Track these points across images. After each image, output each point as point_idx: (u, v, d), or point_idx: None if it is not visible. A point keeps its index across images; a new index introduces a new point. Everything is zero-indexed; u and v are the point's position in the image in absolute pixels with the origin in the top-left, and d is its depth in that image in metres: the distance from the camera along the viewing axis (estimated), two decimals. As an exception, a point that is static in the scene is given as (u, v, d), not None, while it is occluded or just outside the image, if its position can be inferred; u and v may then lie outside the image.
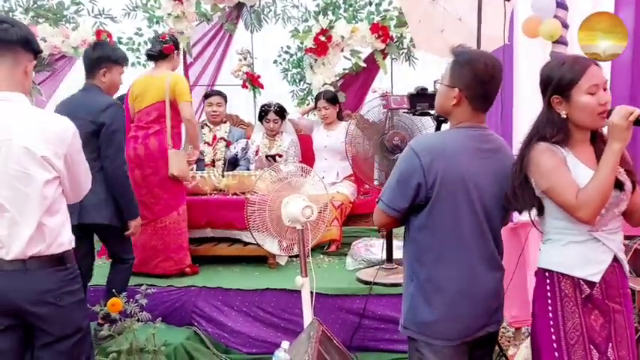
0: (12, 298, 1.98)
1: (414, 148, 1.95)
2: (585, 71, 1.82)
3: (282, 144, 4.85)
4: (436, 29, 3.48)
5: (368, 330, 3.54)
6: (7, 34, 1.99)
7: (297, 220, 2.85)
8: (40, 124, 2.01)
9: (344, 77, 5.60)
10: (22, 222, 1.97)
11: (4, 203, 1.96)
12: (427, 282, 1.98)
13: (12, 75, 2.02)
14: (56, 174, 2.02)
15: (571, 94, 1.83)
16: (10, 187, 1.96)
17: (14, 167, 1.95)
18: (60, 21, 5.52)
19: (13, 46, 2.00)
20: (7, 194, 1.96)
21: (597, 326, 1.84)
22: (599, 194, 1.74)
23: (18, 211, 1.97)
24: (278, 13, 5.69)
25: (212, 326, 3.71)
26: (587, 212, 1.75)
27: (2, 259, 1.98)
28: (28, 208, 1.97)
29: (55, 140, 2.01)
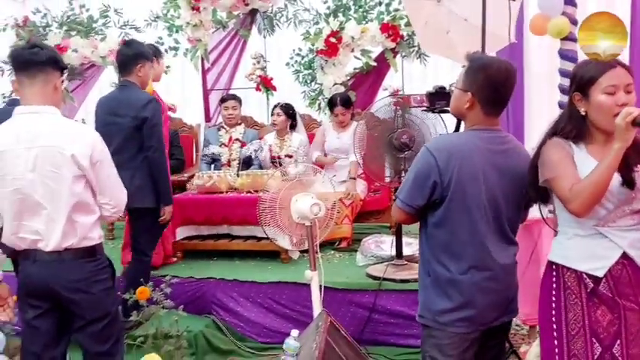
0: (50, 285, 2.17)
1: (430, 149, 1.94)
2: (607, 71, 1.76)
3: (292, 144, 4.79)
4: (442, 30, 3.39)
5: (378, 324, 3.50)
6: (38, 56, 2.17)
7: (305, 216, 2.84)
8: (68, 129, 2.20)
9: (355, 76, 5.49)
10: (56, 217, 2.14)
11: (40, 201, 2.13)
12: (443, 276, 1.96)
13: (43, 91, 2.18)
14: (82, 172, 2.16)
15: (590, 92, 1.77)
16: (45, 186, 2.13)
17: (47, 168, 2.12)
18: (90, 33, 5.59)
19: (44, 66, 2.18)
20: (42, 192, 2.13)
21: (604, 322, 1.76)
22: (592, 188, 1.67)
23: (52, 208, 2.14)
24: (290, 17, 5.61)
25: (229, 316, 3.73)
26: (576, 204, 1.69)
27: (42, 250, 2.16)
28: (60, 204, 2.14)
29: (81, 142, 2.16)
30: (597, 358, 1.76)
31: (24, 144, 2.12)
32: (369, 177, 4.18)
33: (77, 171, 2.14)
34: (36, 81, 2.17)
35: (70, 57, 5.45)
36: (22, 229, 2.17)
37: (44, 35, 5.51)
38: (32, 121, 2.15)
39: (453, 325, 1.94)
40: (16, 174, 2.13)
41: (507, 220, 1.97)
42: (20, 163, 2.12)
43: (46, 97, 2.19)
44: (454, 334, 1.94)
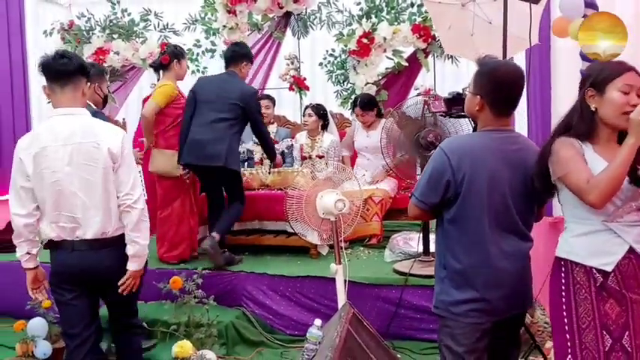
0: (88, 271, 2.44)
1: (443, 149, 2.03)
2: (625, 72, 1.85)
3: (323, 144, 4.88)
4: (466, 33, 3.43)
5: (404, 319, 3.57)
6: (67, 67, 2.42)
7: (330, 212, 2.93)
8: (100, 127, 2.47)
9: (387, 76, 5.55)
10: (91, 207, 2.39)
11: (77, 192, 2.38)
12: (457, 270, 2.04)
13: (74, 96, 2.45)
14: (115, 164, 2.41)
15: (606, 88, 1.85)
16: (81, 179, 2.38)
17: (82, 162, 2.37)
18: (131, 36, 5.77)
19: (73, 75, 2.44)
20: (78, 184, 2.38)
21: (613, 314, 1.83)
22: (609, 180, 1.73)
23: (88, 198, 2.39)
24: (323, 19, 5.69)
25: (259, 308, 3.84)
26: (595, 195, 1.75)
27: (81, 238, 2.41)
28: (96, 194, 2.39)
29: (114, 138, 2.43)
30: (608, 350, 1.82)
31: (61, 141, 2.37)
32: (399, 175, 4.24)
33: (111, 163, 2.40)
34: (67, 88, 2.43)
35: (112, 59, 5.66)
36: (62, 218, 2.40)
37: (88, 39, 5.73)
38: (67, 122, 2.40)
39: (466, 315, 2.01)
40: (54, 168, 2.36)
41: (520, 217, 2.03)
42: (58, 158, 2.36)
43: (77, 101, 2.46)
44: (467, 325, 2.01)
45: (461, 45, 3.60)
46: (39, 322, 3.39)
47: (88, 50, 5.64)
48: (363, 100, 4.82)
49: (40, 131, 2.44)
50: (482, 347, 2.03)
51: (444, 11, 3.58)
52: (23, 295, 3.47)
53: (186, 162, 3.92)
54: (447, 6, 3.54)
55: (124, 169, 2.43)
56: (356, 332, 2.43)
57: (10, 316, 3.94)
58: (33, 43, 6.10)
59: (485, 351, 2.05)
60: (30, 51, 6.06)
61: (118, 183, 2.43)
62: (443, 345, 2.09)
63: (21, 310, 3.54)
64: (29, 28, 6.07)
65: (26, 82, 5.99)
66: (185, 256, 4.14)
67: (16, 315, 3.67)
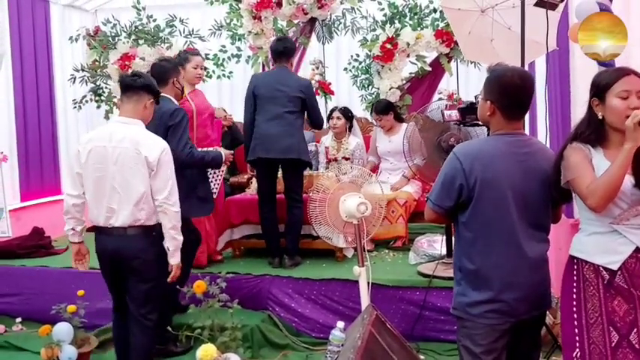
0: (118, 253, 2.85)
1: (456, 154, 2.10)
2: (621, 78, 1.91)
3: (349, 147, 4.96)
4: (486, 39, 3.49)
5: (428, 321, 3.63)
6: (135, 83, 2.90)
7: (353, 215, 3.00)
8: (146, 138, 2.87)
9: (410, 81, 5.66)
10: (125, 202, 2.80)
11: (116, 187, 2.81)
12: (473, 272, 2.10)
13: (135, 108, 2.91)
14: (151, 170, 2.80)
15: (606, 96, 1.93)
16: (122, 177, 2.81)
17: (126, 164, 2.80)
18: (156, 42, 5.87)
19: (138, 90, 2.90)
20: (120, 181, 2.80)
21: (621, 311, 1.90)
22: (606, 185, 1.83)
23: (124, 194, 2.80)
24: (347, 24, 5.81)
25: (284, 311, 3.92)
26: (593, 200, 1.85)
27: (112, 225, 2.83)
28: (131, 192, 2.80)
29: (154, 148, 2.83)
30: (615, 346, 1.89)
31: (113, 143, 2.81)
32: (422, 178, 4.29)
33: (147, 169, 2.79)
34: (131, 100, 2.90)
35: (138, 65, 5.75)
36: (100, 208, 2.84)
37: (114, 44, 5.85)
38: (122, 128, 2.87)
39: (483, 316, 2.07)
40: (103, 164, 2.81)
41: (536, 219, 2.08)
42: (108, 156, 2.80)
43: (136, 113, 2.90)
44: (484, 325, 2.07)
45: (481, 51, 3.66)
46: (64, 327, 3.43)
47: (113, 56, 5.75)
48: (379, 105, 4.95)
49: (99, 132, 2.93)
50: (499, 347, 2.08)
51: (463, 17, 3.64)
52: (48, 299, 3.68)
53: (259, 157, 4.05)
54: (466, 12, 3.59)
55: (160, 177, 2.82)
56: (379, 334, 2.48)
57: (35, 321, 4.02)
58: (59, 50, 6.28)
59: (504, 351, 2.10)
60: (56, 57, 6.23)
61: (155, 189, 2.82)
62: (461, 345, 2.15)
63: (46, 315, 3.62)
64: (55, 34, 6.23)
65: (52, 89, 6.16)
66: (201, 261, 4.14)
67: (42, 320, 3.70)
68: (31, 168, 5.87)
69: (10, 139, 5.62)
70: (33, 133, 5.88)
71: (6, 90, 5.59)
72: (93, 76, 5.97)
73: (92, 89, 6.02)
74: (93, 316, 3.81)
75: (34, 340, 3.58)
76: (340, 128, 4.98)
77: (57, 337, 3.37)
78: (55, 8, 6.26)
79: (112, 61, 5.74)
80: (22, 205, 5.64)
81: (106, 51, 5.85)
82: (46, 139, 6.05)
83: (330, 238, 3.51)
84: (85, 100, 6.02)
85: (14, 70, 5.64)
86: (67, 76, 6.02)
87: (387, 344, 2.46)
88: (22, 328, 4.17)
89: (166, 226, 2.84)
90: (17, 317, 4.26)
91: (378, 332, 2.50)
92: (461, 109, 2.87)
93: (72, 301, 3.56)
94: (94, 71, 5.96)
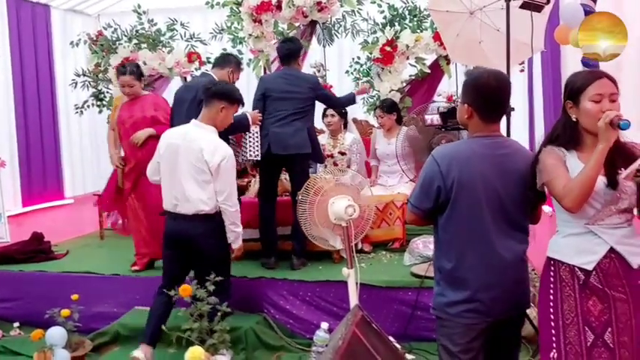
0: (183, 235, 3.36)
1: (434, 156, 2.17)
2: (594, 81, 1.97)
3: (345, 142, 5.06)
4: (474, 41, 3.56)
5: (421, 321, 3.70)
6: (209, 91, 3.37)
7: (341, 217, 3.08)
8: (212, 143, 3.31)
9: (410, 83, 5.73)
10: (188, 192, 3.29)
11: (182, 181, 3.30)
12: (451, 273, 2.17)
13: (209, 114, 3.38)
14: (209, 173, 3.26)
15: (580, 99, 1.99)
16: (188, 173, 3.29)
17: (191, 161, 3.27)
18: (157, 46, 5.99)
19: (211, 97, 3.36)
20: (186, 176, 3.29)
21: (596, 311, 1.96)
22: (581, 185, 1.88)
23: (187, 185, 3.29)
24: (348, 27, 5.88)
25: (279, 313, 4.01)
26: (569, 200, 1.91)
27: (179, 212, 3.33)
28: (193, 185, 3.28)
29: (215, 153, 3.26)
30: (590, 345, 1.94)
31: (186, 143, 3.31)
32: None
33: (207, 169, 3.25)
34: (206, 106, 3.38)
35: (139, 69, 5.93)
36: (170, 196, 3.37)
37: (115, 49, 5.97)
38: (195, 130, 3.35)
39: (461, 316, 2.14)
40: (174, 158, 3.32)
41: (513, 219, 2.15)
42: (180, 153, 3.31)
43: (210, 119, 3.37)
44: (462, 325, 2.14)
45: (469, 53, 3.72)
46: (57, 331, 3.48)
47: (114, 60, 5.86)
48: (386, 103, 5.08)
49: (178, 129, 3.45)
50: (477, 347, 2.15)
51: (451, 20, 3.71)
52: (46, 304, 3.73)
53: (272, 153, 4.20)
54: (454, 15, 3.66)
55: (220, 180, 3.28)
56: (363, 334, 2.54)
57: (33, 326, 3.97)
58: (60, 54, 6.40)
59: (481, 351, 2.17)
60: (57, 62, 6.35)
61: (217, 191, 3.29)
62: (440, 344, 2.22)
63: (40, 319, 3.70)
64: (56, 38, 6.35)
65: (54, 93, 6.27)
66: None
67: (39, 324, 3.73)
68: (33, 173, 5.98)
69: (10, 144, 5.74)
70: (35, 137, 6.00)
71: (6, 95, 5.70)
72: (94, 80, 6.09)
73: (94, 94, 6.14)
74: (89, 320, 3.95)
75: (30, 345, 3.65)
76: (335, 125, 5.09)
77: (50, 341, 3.43)
78: (55, 13, 6.37)
79: (114, 65, 5.83)
80: (24, 210, 5.76)
81: (108, 55, 5.96)
82: (48, 144, 6.18)
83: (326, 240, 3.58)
84: (86, 105, 6.14)
85: (14, 75, 5.75)
86: (69, 81, 6.14)
87: (371, 345, 2.53)
88: (20, 333, 4.26)
89: (226, 222, 3.36)
90: (15, 322, 4.34)
91: (363, 333, 2.56)
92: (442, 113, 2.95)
93: (69, 305, 3.64)
94: (95, 76, 6.07)
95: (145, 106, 4.46)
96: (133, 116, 4.42)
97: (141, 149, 4.34)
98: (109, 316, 4.16)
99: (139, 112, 4.43)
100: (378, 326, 2.80)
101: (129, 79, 4.38)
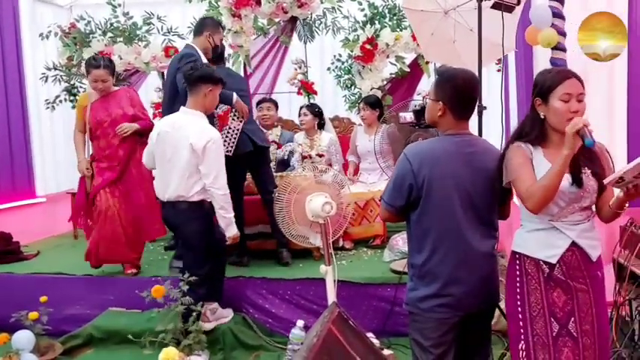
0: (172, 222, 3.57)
1: (406, 154, 2.24)
2: (563, 81, 2.04)
3: (322, 143, 5.08)
4: (448, 40, 3.62)
5: (399, 316, 3.75)
6: (191, 76, 3.41)
7: (318, 215, 3.09)
8: (197, 127, 3.37)
9: (391, 81, 5.83)
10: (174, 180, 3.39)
11: (170, 166, 3.40)
12: (422, 269, 2.23)
13: (195, 100, 3.45)
14: (196, 158, 3.30)
15: (549, 98, 2.05)
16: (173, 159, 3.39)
17: (178, 147, 3.35)
18: (133, 40, 5.93)
19: (195, 82, 3.41)
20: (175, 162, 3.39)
21: (560, 302, 2.06)
22: (543, 190, 1.96)
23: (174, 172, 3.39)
24: (328, 24, 5.94)
25: (258, 312, 4.03)
26: (531, 203, 1.99)
27: (167, 199, 3.45)
28: (178, 171, 3.37)
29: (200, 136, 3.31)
30: (556, 336, 2.04)
31: (174, 131, 3.38)
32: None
33: (191, 155, 3.32)
34: (191, 93, 3.45)
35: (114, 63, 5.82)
36: (161, 183, 3.50)
37: (88, 42, 5.87)
38: (182, 117, 3.44)
39: (432, 310, 2.21)
40: (164, 147, 3.41)
41: (483, 216, 2.22)
42: (168, 141, 3.41)
43: (197, 104, 3.44)
44: (433, 319, 2.21)
45: (442, 52, 3.78)
46: (24, 335, 3.42)
47: (87, 54, 5.75)
48: (371, 97, 5.16)
49: (168, 119, 3.54)
50: (448, 341, 2.21)
51: (425, 19, 3.77)
52: (9, 307, 3.67)
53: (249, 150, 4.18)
54: (428, 14, 3.73)
55: (206, 163, 3.33)
56: (339, 332, 2.55)
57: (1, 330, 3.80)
58: (29, 46, 6.20)
59: (453, 345, 2.23)
60: (26, 55, 6.15)
61: (203, 174, 3.35)
62: (412, 339, 2.29)
63: (6, 323, 3.62)
64: (25, 30, 6.14)
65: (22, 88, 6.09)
66: None
67: (6, 328, 3.61)
68: (1, 171, 5.84)
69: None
70: (2, 134, 5.83)
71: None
72: (67, 74, 5.99)
73: (66, 88, 6.02)
74: (60, 323, 3.92)
75: (-3, 350, 3.56)
76: (308, 124, 5.13)
77: (16, 345, 3.38)
78: (24, 2, 6.15)
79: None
80: (-9, 209, 5.60)
81: (81, 49, 5.87)
82: (17, 140, 6.00)
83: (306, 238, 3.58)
84: (58, 100, 6.02)
85: (-21, 68, 5.56)
86: (39, 75, 5.97)
87: (347, 342, 2.54)
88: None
89: (216, 207, 3.41)
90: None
91: (339, 330, 2.58)
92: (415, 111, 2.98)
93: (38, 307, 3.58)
94: (68, 70, 5.97)
95: (121, 102, 4.30)
96: (111, 114, 4.25)
97: (122, 145, 4.22)
98: (81, 319, 4.10)
99: (117, 109, 4.27)
100: (355, 323, 2.82)
101: (103, 73, 4.19)
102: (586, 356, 2.02)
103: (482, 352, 2.37)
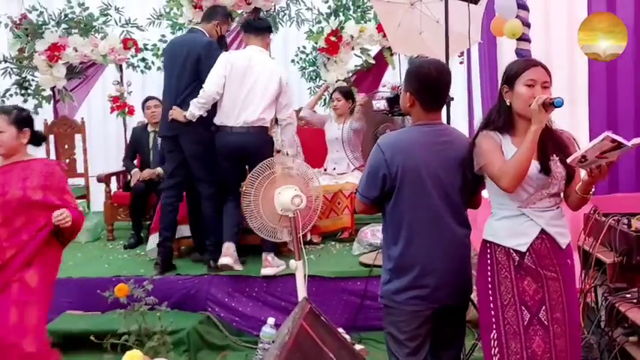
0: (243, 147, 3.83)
1: (379, 145, 2.26)
2: (529, 68, 2.10)
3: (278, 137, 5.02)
4: (415, 31, 3.68)
5: (370, 310, 3.76)
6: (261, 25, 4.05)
7: (288, 208, 3.06)
8: (276, 65, 4.11)
9: (356, 74, 5.87)
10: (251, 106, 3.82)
11: (250, 95, 3.84)
12: (396, 260, 2.24)
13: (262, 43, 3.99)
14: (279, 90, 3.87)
15: (515, 83, 2.10)
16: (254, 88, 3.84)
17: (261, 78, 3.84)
18: (90, 31, 5.79)
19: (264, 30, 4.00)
20: (255, 89, 3.85)
21: (530, 291, 2.09)
22: (516, 166, 2.00)
23: (256, 100, 3.80)
24: (292, 16, 5.94)
25: (224, 311, 3.97)
26: (505, 181, 2.02)
27: (238, 124, 3.83)
28: (262, 100, 3.83)
29: (280, 68, 4.10)
30: (527, 324, 2.07)
31: (258, 65, 3.81)
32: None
33: (279, 85, 3.84)
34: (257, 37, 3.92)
35: (70, 56, 5.67)
36: (232, 110, 3.84)
37: (41, 34, 5.68)
38: (258, 55, 3.88)
39: (406, 303, 2.22)
40: (239, 76, 3.81)
41: (456, 205, 2.24)
42: (255, 71, 3.81)
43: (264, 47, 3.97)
44: (407, 312, 2.22)
45: (410, 43, 3.84)
46: None
47: (41, 46, 5.60)
48: (345, 87, 5.21)
49: (240, 53, 4.04)
50: (423, 334, 2.23)
51: (392, 10, 3.83)
52: None
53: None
54: (395, 5, 3.78)
55: (285, 96, 3.87)
56: (311, 328, 2.53)
57: None
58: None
59: (428, 337, 2.25)
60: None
61: (283, 105, 3.86)
62: (387, 332, 2.30)
63: None
64: None
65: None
66: None
67: None
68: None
69: None
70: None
71: None
72: (18, 67, 5.81)
73: (17, 82, 5.85)
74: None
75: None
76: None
77: None
78: None
79: (40, 51, 5.61)
80: None
81: (33, 40, 5.69)
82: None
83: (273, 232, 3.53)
84: (9, 94, 5.84)
85: None
86: (-13, 68, 5.75)
87: (319, 338, 2.52)
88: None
89: (287, 137, 4.03)
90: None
91: (311, 326, 2.56)
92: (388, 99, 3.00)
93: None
94: (19, 62, 5.80)
95: (28, 180, 2.72)
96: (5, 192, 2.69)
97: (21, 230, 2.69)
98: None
99: (16, 187, 2.69)
100: (326, 318, 2.81)
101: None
102: (557, 344, 2.06)
103: (456, 344, 2.39)
